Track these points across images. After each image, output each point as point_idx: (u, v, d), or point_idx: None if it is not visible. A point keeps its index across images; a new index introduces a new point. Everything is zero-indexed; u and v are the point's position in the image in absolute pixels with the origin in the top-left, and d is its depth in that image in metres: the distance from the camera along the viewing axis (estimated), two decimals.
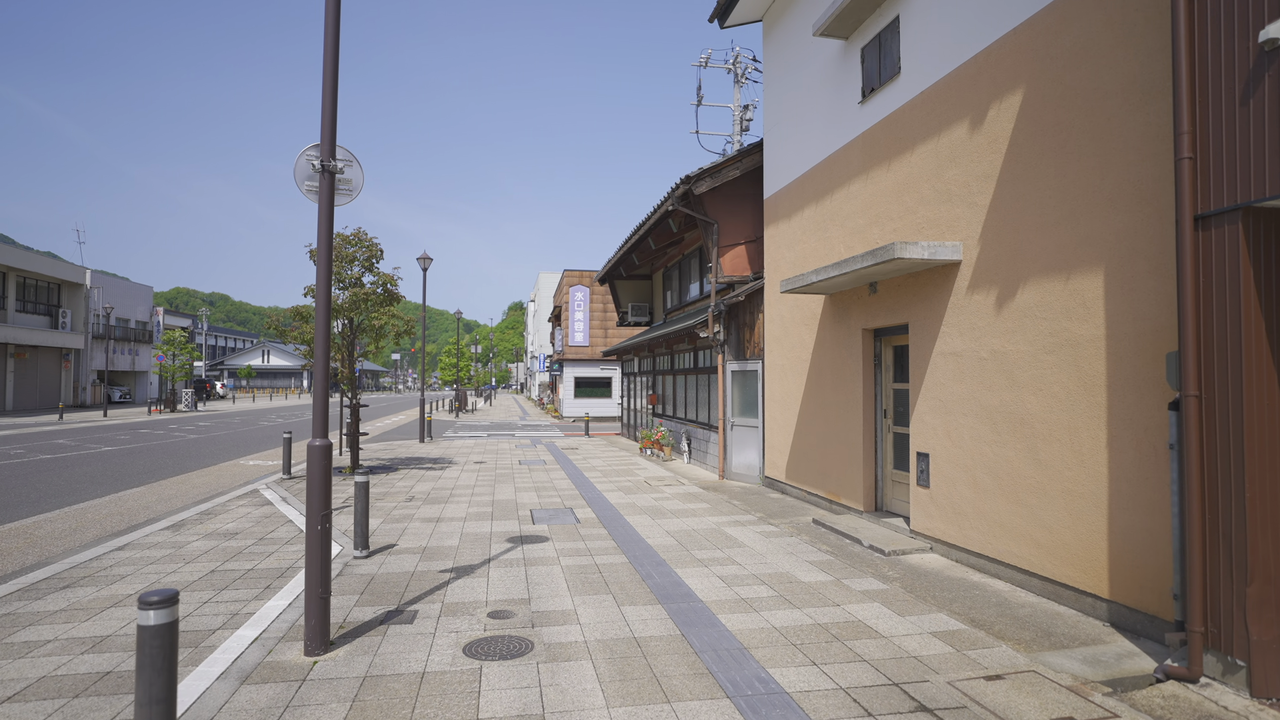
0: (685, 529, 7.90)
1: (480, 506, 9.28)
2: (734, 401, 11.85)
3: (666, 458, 14.82)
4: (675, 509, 9.14)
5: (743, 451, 11.61)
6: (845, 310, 8.40)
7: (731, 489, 10.82)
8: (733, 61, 22.92)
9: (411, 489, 10.72)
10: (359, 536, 6.56)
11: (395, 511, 8.88)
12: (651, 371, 18.17)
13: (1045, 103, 5.37)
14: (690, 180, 11.35)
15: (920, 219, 6.94)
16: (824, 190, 9.02)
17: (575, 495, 10.26)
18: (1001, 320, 5.81)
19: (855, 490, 8.16)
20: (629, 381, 21.78)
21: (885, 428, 8.02)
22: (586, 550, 6.91)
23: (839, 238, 8.60)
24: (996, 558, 5.81)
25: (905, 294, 7.18)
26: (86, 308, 41.38)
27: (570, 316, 32.20)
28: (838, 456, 8.57)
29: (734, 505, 9.39)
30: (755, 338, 11.31)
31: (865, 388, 8.03)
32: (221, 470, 13.41)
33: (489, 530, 7.82)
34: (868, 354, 8.08)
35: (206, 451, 16.70)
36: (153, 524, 8.01)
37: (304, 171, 4.38)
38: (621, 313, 21.58)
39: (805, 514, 8.70)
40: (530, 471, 12.98)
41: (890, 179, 7.49)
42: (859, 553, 6.78)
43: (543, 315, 53.64)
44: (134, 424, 26.08)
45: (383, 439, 21.19)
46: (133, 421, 27.63)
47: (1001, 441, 5.78)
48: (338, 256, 12.25)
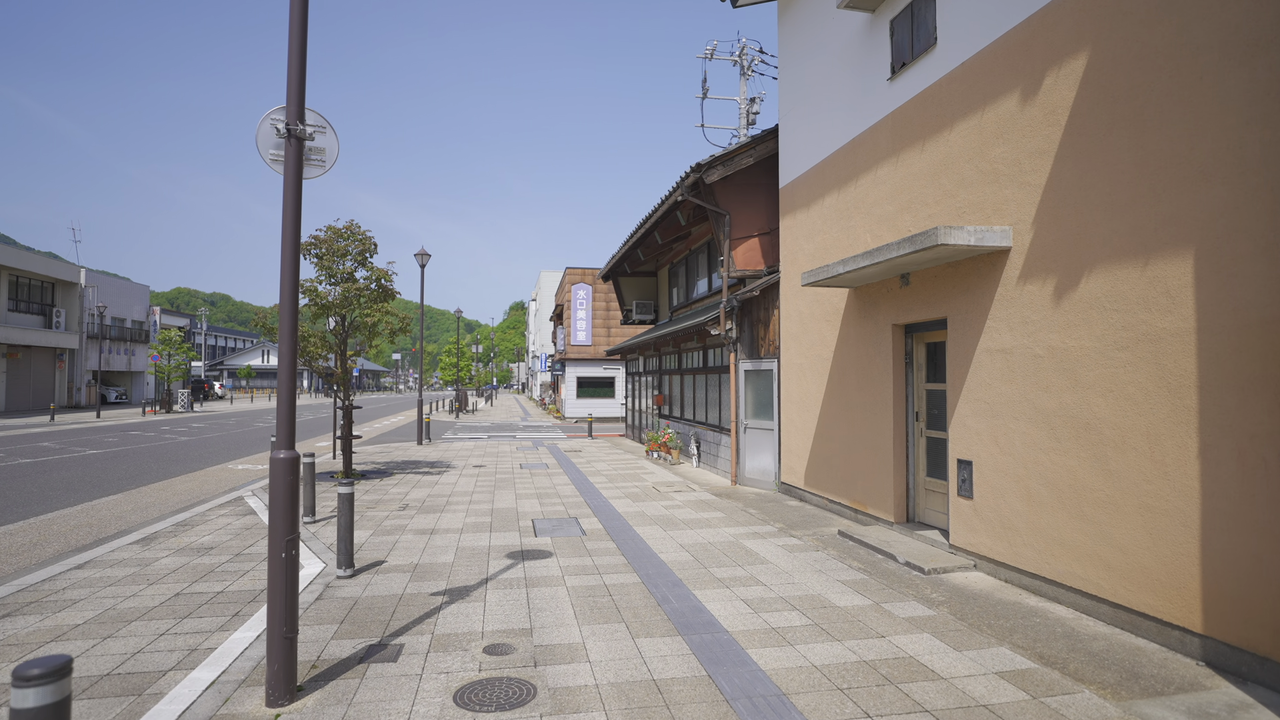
0: (700, 542, 7.27)
1: (478, 516, 8.65)
2: (747, 403, 11.21)
3: (674, 461, 14.19)
4: (688, 519, 8.51)
5: (757, 456, 10.98)
6: (873, 305, 7.77)
7: (746, 496, 10.18)
8: (739, 53, 22.31)
9: (406, 496, 10.09)
10: (343, 554, 5.93)
11: (387, 522, 8.25)
12: (657, 371, 17.54)
13: (1116, 66, 4.73)
14: (701, 168, 10.72)
15: (960, 203, 6.30)
16: (847, 176, 8.38)
17: (580, 503, 9.63)
18: (1061, 313, 5.17)
19: (884, 499, 7.53)
20: (633, 381, 21.15)
21: (917, 432, 7.39)
22: (594, 568, 6.28)
23: (864, 226, 7.96)
24: (1055, 579, 5.18)
25: (943, 286, 6.54)
26: (81, 307, 40.78)
27: (572, 315, 31.57)
28: (864, 463, 7.94)
29: (750, 515, 8.76)
30: (770, 335, 10.68)
31: (895, 388, 7.40)
32: (207, 475, 12.79)
33: (487, 544, 7.19)
34: (898, 352, 7.45)
35: (195, 455, 16.08)
36: (122, 537, 7.39)
37: (268, 138, 3.75)
38: (625, 311, 20.95)
39: (829, 525, 8.07)
40: (532, 476, 12.35)
41: (924, 161, 6.85)
42: (895, 571, 6.15)
43: (544, 314, 53.03)
44: (126, 425, 25.48)
45: (380, 441, 20.56)
46: (125, 423, 27.03)
47: (1061, 449, 5.14)
48: (329, 251, 11.63)
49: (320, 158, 3.91)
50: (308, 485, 8.23)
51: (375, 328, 11.93)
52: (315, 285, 11.49)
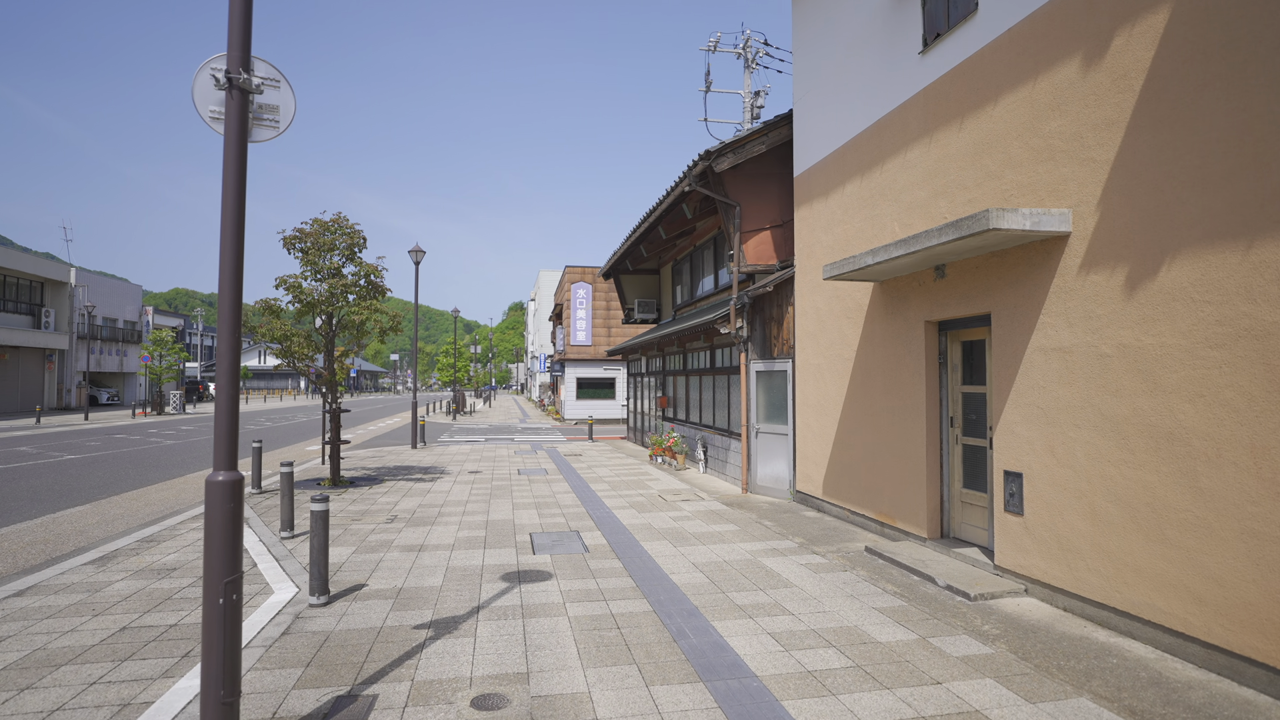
0: (715, 560, 6.60)
1: (472, 529, 7.98)
2: (759, 405, 10.55)
3: (680, 466, 13.53)
4: (699, 532, 7.84)
5: (769, 462, 10.32)
6: (902, 300, 7.11)
7: (758, 505, 9.52)
8: (743, 45, 21.67)
9: (395, 506, 9.42)
10: (316, 579, 5.26)
11: (372, 537, 7.58)
12: (661, 372, 16.88)
13: (1210, 17, 4.08)
14: (710, 156, 10.06)
15: (1007, 185, 5.65)
16: (871, 161, 7.73)
17: (581, 514, 8.96)
18: (1135, 306, 4.52)
19: (915, 512, 6.87)
20: (635, 382, 20.49)
21: (952, 439, 6.73)
22: (599, 592, 5.62)
23: (892, 214, 7.31)
24: (1129, 611, 4.52)
25: (985, 277, 5.89)
26: (71, 307, 40.08)
27: (572, 315, 30.91)
28: (891, 472, 7.28)
29: (766, 528, 8.10)
30: (784, 334, 10.02)
31: (929, 391, 6.74)
32: (186, 483, 12.11)
33: (480, 563, 6.52)
34: (931, 351, 6.79)
35: (178, 460, 15.40)
36: (77, 556, 6.71)
37: (206, 91, 3.09)
38: (627, 309, 20.30)
39: (853, 539, 7.41)
40: (530, 483, 11.68)
41: (963, 141, 6.20)
42: (936, 596, 5.49)
43: (543, 314, 52.37)
44: (112, 428, 24.78)
45: (372, 444, 19.90)
46: (112, 425, 26.34)
47: (1135, 461, 4.48)
48: (315, 245, 10.97)
49: (273, 117, 3.25)
50: (285, 497, 7.57)
51: (364, 326, 11.26)
52: (300, 281, 10.82)
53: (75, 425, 26.25)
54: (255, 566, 6.37)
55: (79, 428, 24.97)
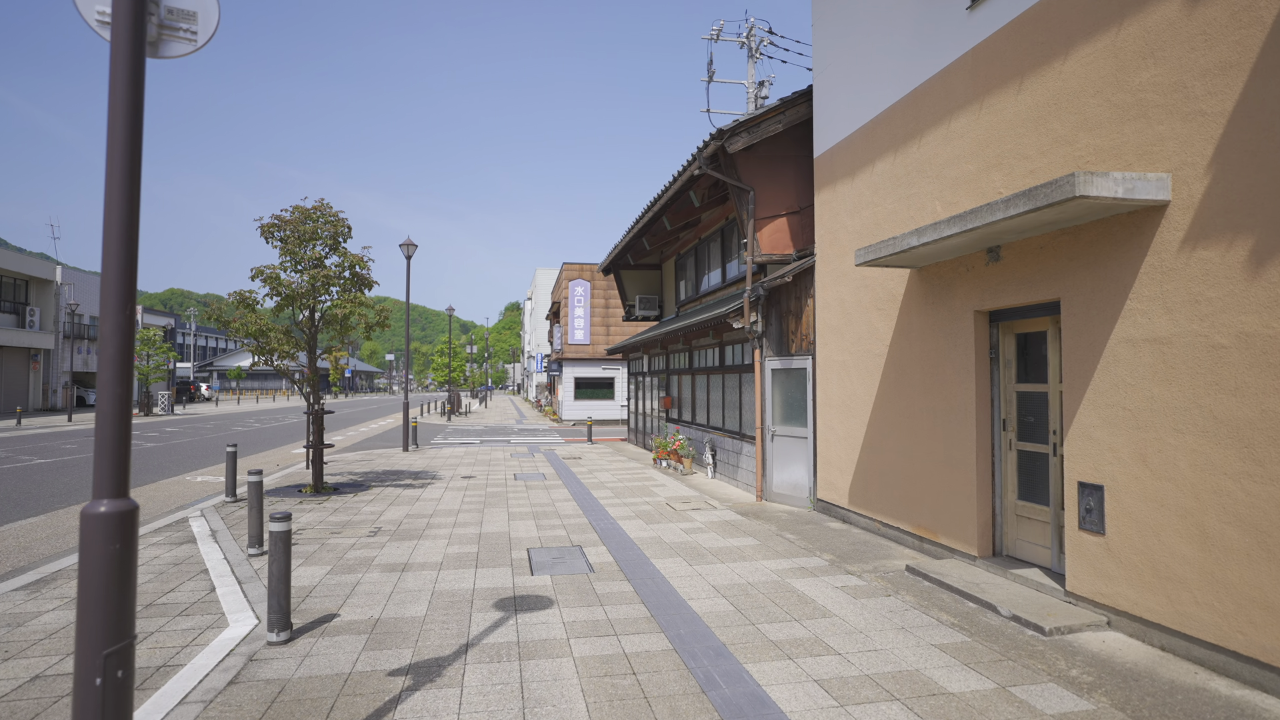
0: (738, 582, 5.81)
1: (463, 544, 7.18)
2: (775, 406, 9.76)
3: (686, 471, 12.73)
4: (715, 547, 7.05)
5: (786, 467, 9.53)
6: (946, 288, 6.33)
7: (776, 515, 8.73)
8: (746, 34, 20.91)
9: (379, 517, 8.61)
10: (275, 612, 4.45)
11: (351, 554, 6.77)
12: (665, 371, 16.08)
13: None
14: (723, 135, 9.27)
15: (1082, 151, 4.87)
16: (906, 135, 6.95)
17: (584, 525, 8.16)
18: (1261, 287, 3.74)
19: (962, 527, 6.08)
20: (636, 382, 19.69)
21: (1005, 444, 5.95)
22: (608, 624, 4.82)
23: (932, 192, 6.53)
24: (1259, 658, 3.74)
25: (1053, 259, 5.10)
26: (57, 305, 39.15)
27: (570, 313, 30.09)
28: (933, 481, 6.50)
29: (789, 542, 7.31)
30: (803, 329, 9.23)
31: (979, 390, 5.95)
32: (158, 490, 11.28)
33: (470, 587, 5.72)
34: (981, 344, 6.00)
35: (155, 464, 14.55)
36: (12, 579, 5.89)
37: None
38: (628, 306, 19.50)
39: (889, 556, 6.62)
40: (528, 490, 10.88)
41: (1022, 104, 5.42)
42: (1002, 629, 4.70)
43: (540, 313, 51.56)
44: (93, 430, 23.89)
45: (362, 447, 19.07)
46: None
47: (1265, 474, 3.70)
48: (295, 234, 10.15)
49: (189, 27, 2.45)
50: (253, 509, 6.75)
51: (348, 320, 10.43)
52: (278, 272, 10.00)
53: (57, 427, 25.36)
54: (213, 591, 5.55)
55: (60, 429, 24.08)
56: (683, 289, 16.66)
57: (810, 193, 9.95)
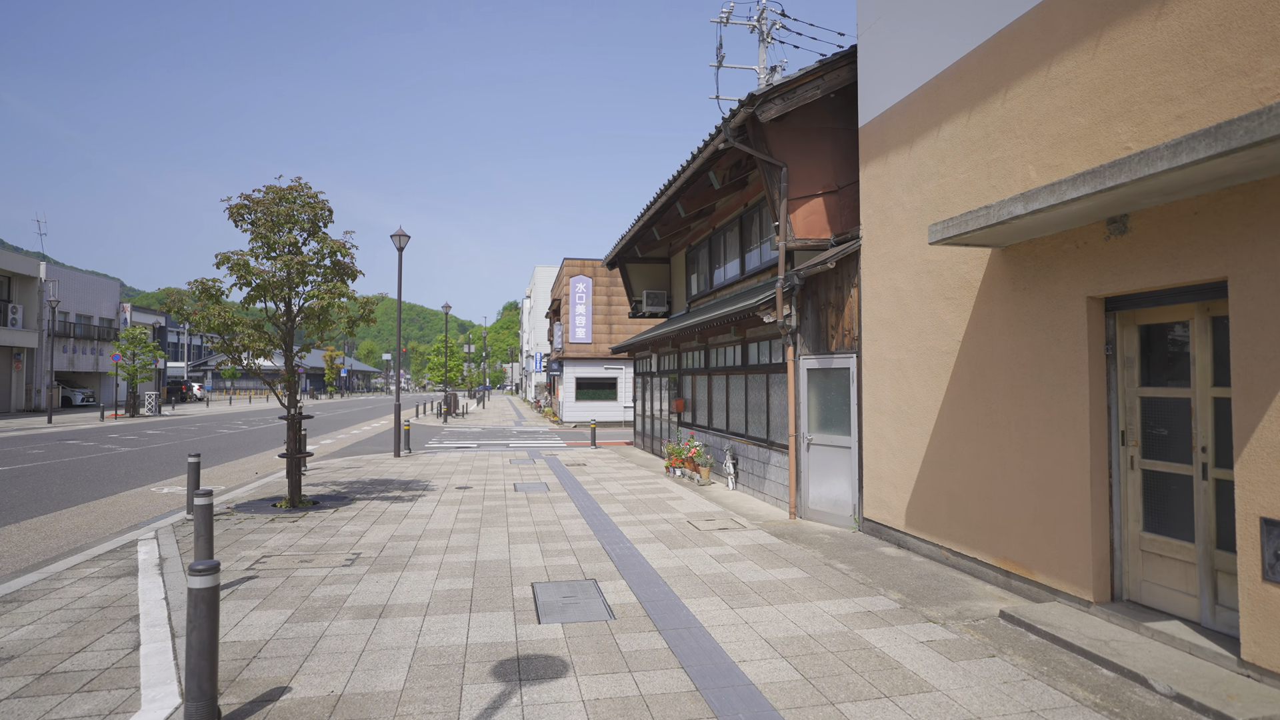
0: (796, 634, 4.66)
1: (455, 577, 6.03)
2: (811, 411, 8.62)
3: (704, 481, 11.58)
4: (756, 581, 5.90)
5: (825, 481, 8.38)
6: (1045, 269, 5.18)
7: (817, 538, 7.58)
8: (758, 17, 19.79)
9: (360, 540, 7.46)
10: (195, 699, 3.29)
11: (320, 591, 5.62)
12: (676, 371, 14.93)
13: None
14: (754, 101, 8.12)
15: (1264, 81, 3.72)
16: (987, 89, 5.80)
17: (596, 550, 7.02)
18: None
19: (1069, 563, 4.94)
20: (644, 383, 18.53)
21: (1125, 461, 4.81)
22: (641, 704, 3.67)
23: (1023, 155, 5.39)
24: None
25: (1215, 226, 3.96)
26: (41, 303, 37.93)
27: (571, 310, 28.93)
28: (1024, 504, 5.35)
29: (842, 574, 6.16)
30: (845, 323, 8.09)
31: (1093, 395, 4.81)
32: (116, 503, 10.11)
33: (463, 641, 4.57)
34: (1095, 338, 4.86)
35: (122, 472, 13.37)
36: None
37: None
38: (634, 302, 18.35)
39: (971, 595, 5.47)
40: (530, 504, 9.73)
41: (1165, 31, 4.28)
42: (1164, 713, 3.56)
43: (539, 311, 50.41)
44: (71, 432, 22.69)
45: (351, 451, 17.90)
46: (74, 429, 24.25)
47: None
48: (268, 217, 8.99)
49: None
50: (200, 538, 5.58)
51: (327, 314, 9.27)
52: (247, 259, 8.83)
53: (33, 429, 24.16)
54: (136, 650, 4.39)
55: (35, 432, 22.89)
56: (694, 283, 15.52)
57: (850, 169, 8.81)
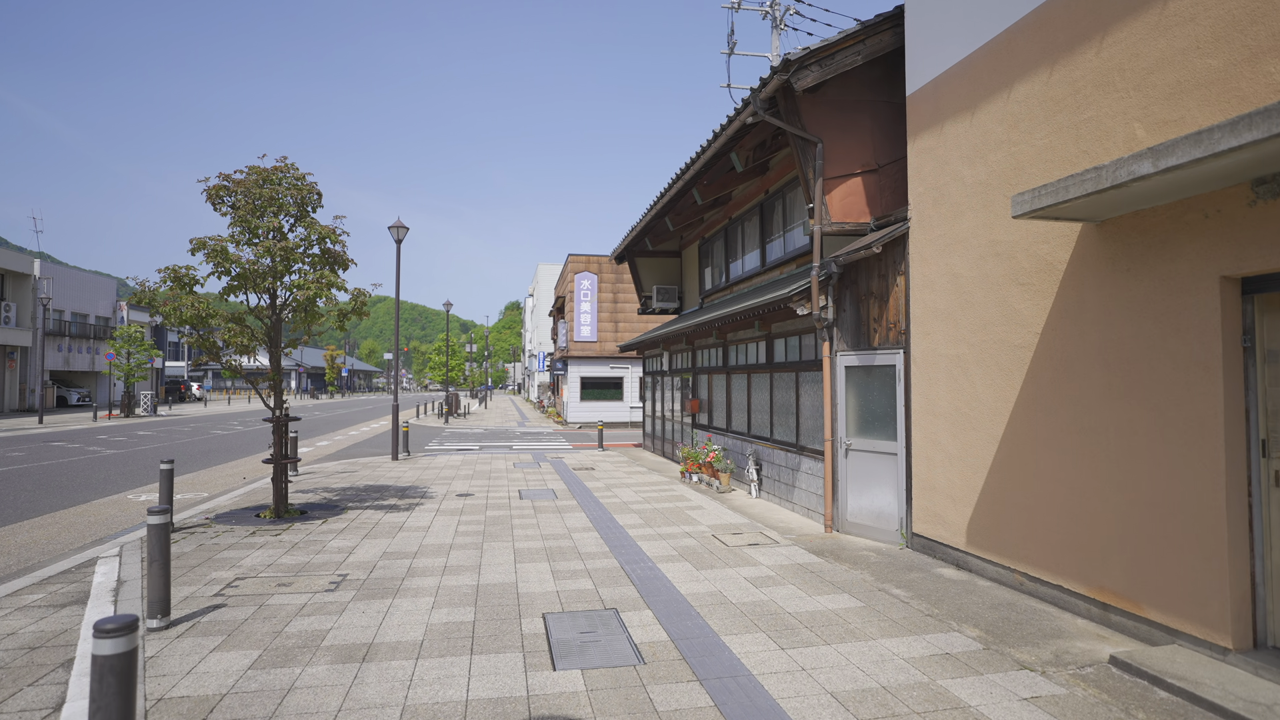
0: (866, 685, 3.82)
1: (454, 605, 5.20)
2: (850, 413, 7.77)
3: (723, 488, 10.74)
4: (803, 611, 5.06)
5: (866, 491, 7.54)
6: (1159, 245, 4.34)
7: (862, 556, 6.74)
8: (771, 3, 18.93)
9: (348, 558, 6.64)
10: None
11: (296, 625, 4.79)
12: (690, 370, 14.08)
13: None
14: (789, 67, 7.28)
15: None
16: (1075, 38, 4.96)
17: (614, 570, 6.18)
18: None
19: (1197, 599, 4.09)
20: (654, 382, 17.68)
21: (1268, 477, 3.97)
22: None
23: (1127, 111, 4.54)
24: None
25: None
26: (34, 300, 37.15)
27: (576, 308, 28.10)
28: (1129, 526, 4.51)
29: (901, 602, 5.32)
30: (889, 315, 7.25)
31: (1227, 396, 3.96)
32: (87, 512, 9.30)
33: (463, 696, 3.74)
34: (1231, 328, 4.01)
35: (100, 477, 12.55)
36: None
37: None
38: (644, 298, 17.51)
39: (1064, 633, 4.62)
40: (536, 513, 8.90)
41: None
42: None
43: (542, 310, 49.59)
44: (59, 433, 21.90)
45: (349, 454, 17.09)
46: (64, 430, 23.46)
47: None
48: (246, 197, 8.17)
49: None
50: (154, 563, 4.75)
51: (314, 305, 8.44)
52: (225, 245, 8.01)
53: (22, 430, 23.38)
54: (58, 709, 3.56)
55: (22, 433, 22.11)
56: (708, 277, 14.68)
57: (891, 146, 7.98)
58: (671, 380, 15.75)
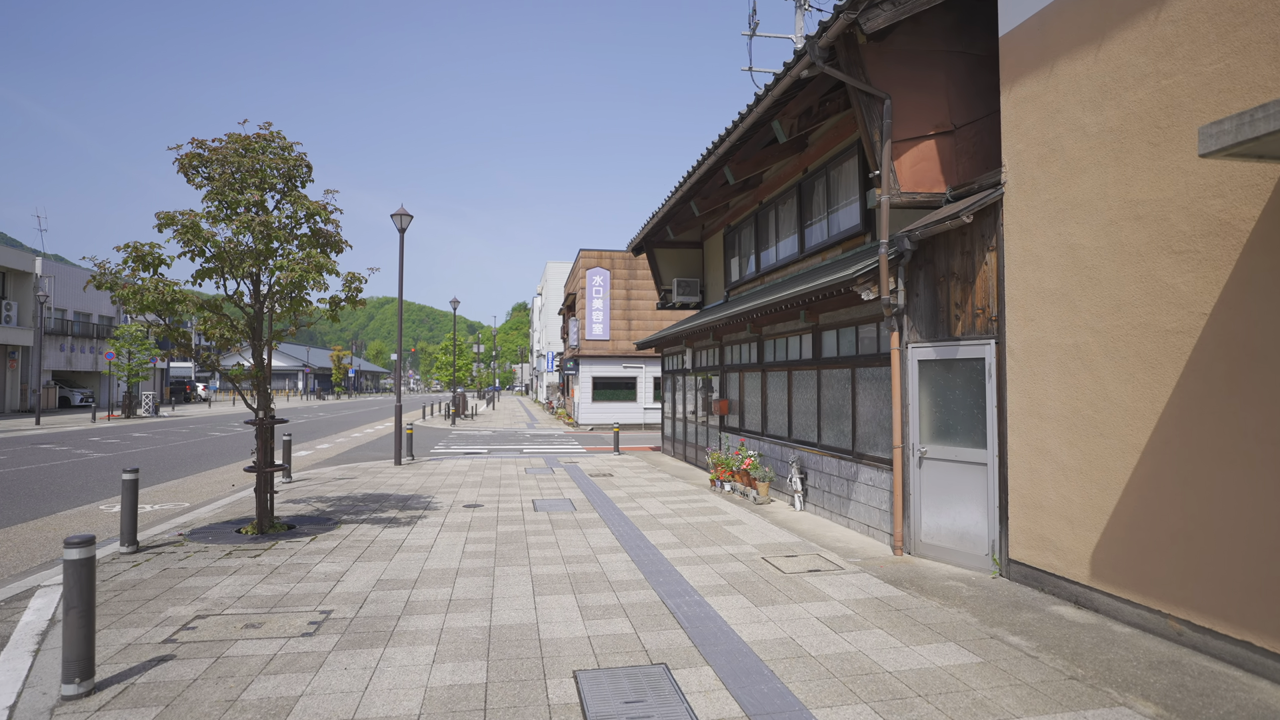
0: None
1: (461, 661, 4.10)
2: (924, 415, 6.63)
3: (761, 499, 9.60)
4: (907, 670, 3.93)
5: (945, 507, 6.39)
6: None
7: (948, 586, 5.59)
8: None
9: (335, 587, 5.55)
10: None
11: (255, 690, 3.70)
12: (718, 368, 12.95)
13: None
14: (857, 5, 6.14)
15: None
16: None
17: (655, 605, 5.07)
18: None
19: None
20: (675, 382, 16.56)
21: None
22: None
23: None
24: None
25: None
26: (36, 299, 36.39)
27: (587, 305, 27.01)
28: None
29: (1029, 656, 4.17)
30: (977, 299, 6.11)
31: None
32: (46, 527, 8.26)
33: None
34: None
35: (77, 484, 11.54)
36: None
37: None
38: (664, 291, 16.40)
39: (1271, 711, 3.48)
40: (554, 529, 7.80)
41: None
42: None
43: (551, 309, 48.55)
44: (51, 435, 20.97)
45: (349, 458, 16.05)
46: (59, 431, 22.54)
47: None
48: (224, 168, 7.10)
49: None
50: (74, 614, 3.67)
51: (300, 290, 7.37)
52: (198, 220, 6.94)
53: (16, 431, 22.48)
54: None
55: (15, 434, 21.19)
56: (734, 268, 13.55)
57: (968, 104, 6.85)
58: (694, 379, 14.64)
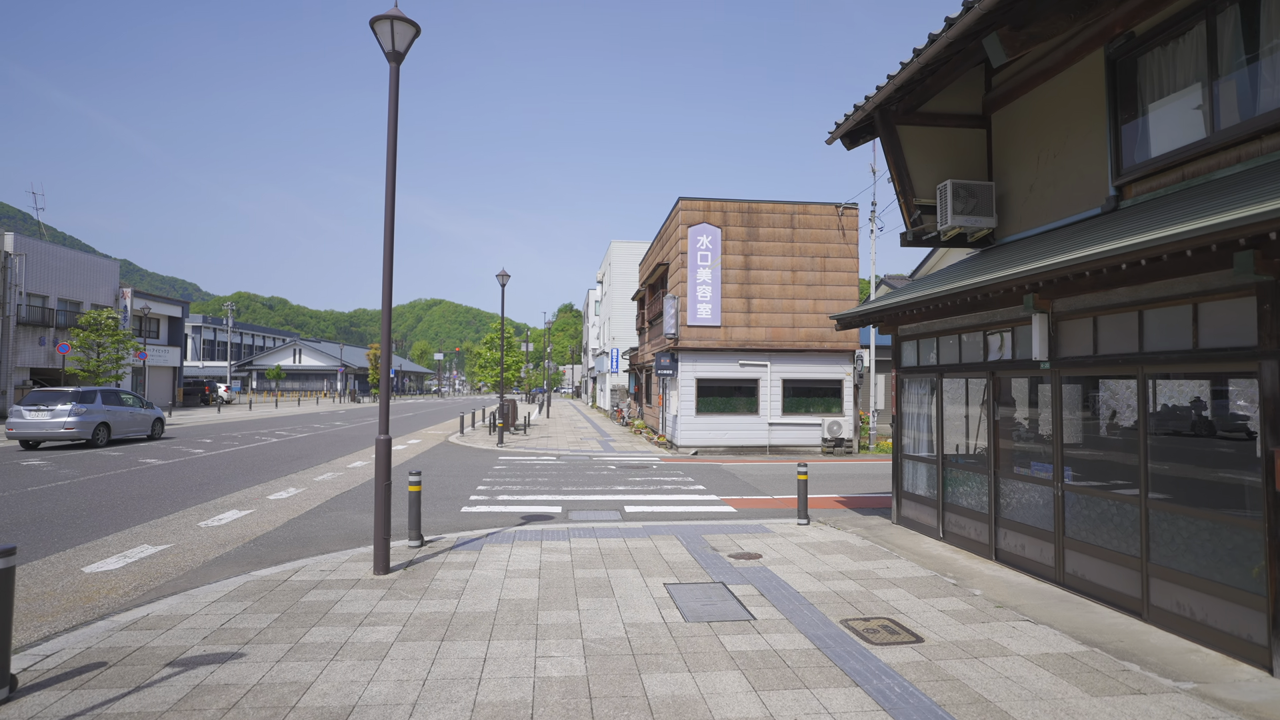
0: None
1: None
2: None
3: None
4: None
5: None
6: None
7: None
8: None
9: None
10: None
11: None
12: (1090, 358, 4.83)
13: None
14: None
15: None
16: None
17: None
18: None
19: None
20: (930, 387, 8.46)
21: None
22: None
23: None
24: None
25: None
26: (6, 283, 30.30)
27: (690, 276, 19.10)
28: None
29: None
30: None
31: None
32: None
33: None
34: None
35: None
36: None
37: None
38: (914, 208, 8.37)
39: None
40: None
41: None
42: None
43: (616, 297, 40.71)
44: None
45: (293, 537, 8.45)
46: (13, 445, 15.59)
47: None
48: None
49: None
50: None
51: None
52: None
53: None
54: None
55: None
56: (1141, 132, 5.47)
57: None
58: (998, 385, 6.59)
